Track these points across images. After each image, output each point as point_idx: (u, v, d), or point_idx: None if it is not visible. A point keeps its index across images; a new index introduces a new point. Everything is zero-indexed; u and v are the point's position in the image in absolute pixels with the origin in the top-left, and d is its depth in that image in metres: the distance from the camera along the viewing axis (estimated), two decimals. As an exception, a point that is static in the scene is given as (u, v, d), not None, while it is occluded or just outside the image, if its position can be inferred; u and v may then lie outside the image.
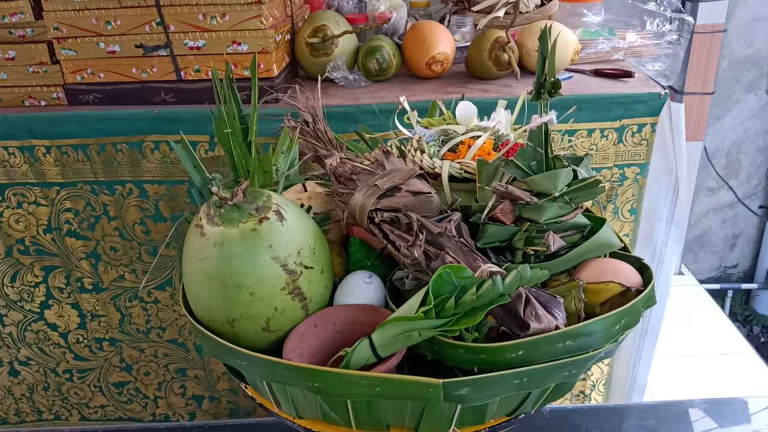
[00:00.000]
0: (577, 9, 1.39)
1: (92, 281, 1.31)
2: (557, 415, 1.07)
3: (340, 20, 1.26)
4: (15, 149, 1.18)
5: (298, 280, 0.65)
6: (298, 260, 0.64)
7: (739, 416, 1.05)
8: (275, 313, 0.65)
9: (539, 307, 0.61)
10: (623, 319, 0.62)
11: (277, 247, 0.63)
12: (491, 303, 0.58)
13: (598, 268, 0.70)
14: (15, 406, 1.50)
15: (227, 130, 0.79)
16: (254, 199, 0.65)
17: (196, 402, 1.48)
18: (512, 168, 0.70)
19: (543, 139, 0.68)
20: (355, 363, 0.61)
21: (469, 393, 0.58)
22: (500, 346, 0.59)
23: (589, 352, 0.60)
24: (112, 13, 1.11)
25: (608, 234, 0.72)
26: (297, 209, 0.70)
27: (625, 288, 0.66)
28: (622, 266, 0.70)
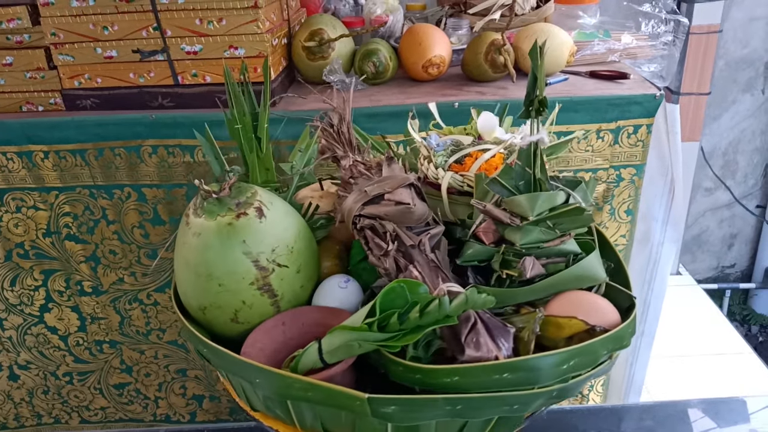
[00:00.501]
0: (573, 11, 1.39)
1: (92, 284, 1.31)
2: (555, 416, 1.06)
3: (337, 24, 1.26)
4: (13, 154, 1.17)
5: (269, 277, 0.66)
6: (272, 257, 0.66)
7: (737, 416, 1.05)
8: (243, 306, 0.66)
9: (484, 335, 0.59)
10: (574, 359, 0.58)
11: (251, 243, 0.65)
12: (436, 323, 0.57)
13: (571, 301, 0.66)
14: (14, 410, 1.49)
15: (237, 125, 0.81)
16: (238, 194, 0.67)
17: (197, 402, 1.48)
18: (496, 186, 0.67)
19: (531, 158, 0.65)
20: (303, 365, 0.62)
21: (397, 412, 0.57)
22: (435, 368, 0.57)
23: (534, 388, 0.58)
24: (109, 18, 1.11)
25: (591, 266, 0.67)
26: (285, 208, 0.71)
27: (589, 326, 0.62)
28: (600, 302, 0.66)
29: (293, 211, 0.73)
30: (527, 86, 0.67)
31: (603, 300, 0.66)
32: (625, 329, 0.63)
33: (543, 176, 0.66)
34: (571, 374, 0.59)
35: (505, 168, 0.67)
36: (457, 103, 1.14)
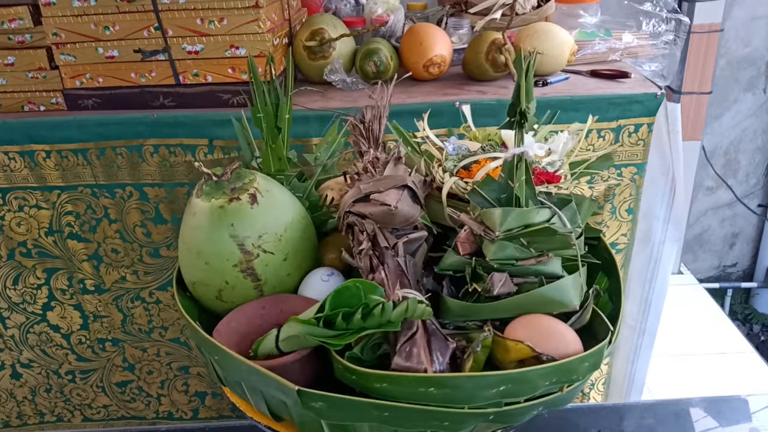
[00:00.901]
0: (574, 10, 1.38)
1: (94, 283, 1.31)
2: (555, 414, 1.06)
3: (338, 23, 1.26)
4: (15, 154, 1.17)
5: (253, 261, 0.69)
6: (258, 243, 0.69)
7: (738, 414, 1.05)
8: (226, 286, 0.69)
9: (419, 346, 0.59)
10: (505, 385, 0.56)
11: (239, 227, 0.68)
12: (379, 327, 0.58)
13: (531, 324, 0.63)
14: (17, 409, 1.50)
15: (260, 114, 0.83)
16: (237, 179, 0.70)
17: (199, 399, 1.48)
18: (477, 197, 0.66)
19: (514, 171, 0.63)
20: (262, 350, 0.64)
21: (324, 408, 0.57)
22: (366, 372, 0.58)
23: (465, 408, 0.57)
24: (111, 18, 1.11)
25: (561, 291, 0.63)
26: (282, 198, 0.72)
27: (535, 353, 0.59)
28: (562, 330, 0.63)
29: (292, 201, 0.74)
30: (512, 96, 0.66)
31: (565, 327, 0.63)
32: (577, 362, 0.59)
33: (529, 191, 0.64)
34: (503, 399, 0.57)
35: (487, 179, 0.65)
36: (457, 103, 1.14)
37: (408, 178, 0.71)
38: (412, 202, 0.70)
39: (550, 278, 0.64)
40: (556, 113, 0.92)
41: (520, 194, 0.63)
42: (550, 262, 0.64)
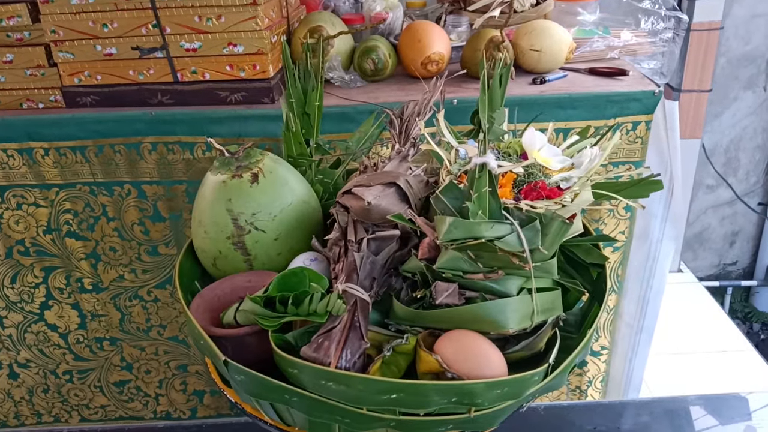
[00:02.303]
0: (572, 8, 1.39)
1: (92, 281, 1.32)
2: (552, 412, 1.07)
3: (336, 21, 1.27)
4: (14, 151, 1.19)
5: (244, 236, 0.74)
6: (250, 220, 0.73)
7: (737, 413, 1.05)
8: (219, 255, 0.76)
9: (335, 340, 0.61)
10: (394, 393, 0.57)
11: (235, 203, 0.73)
12: (307, 316, 0.62)
13: (458, 339, 0.62)
14: (14, 409, 1.51)
15: (291, 99, 0.87)
16: (246, 158, 0.75)
17: (198, 397, 1.49)
18: (439, 203, 0.64)
19: (474, 181, 0.62)
20: (226, 319, 0.68)
21: (245, 383, 0.61)
22: (282, 356, 0.60)
23: (363, 409, 0.58)
24: (109, 15, 1.12)
25: (496, 311, 0.62)
26: (288, 181, 0.77)
27: (442, 369, 0.59)
28: (487, 351, 0.61)
29: (299, 186, 0.78)
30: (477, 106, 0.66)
31: (494, 351, 0.61)
32: (482, 387, 0.58)
33: (494, 203, 0.62)
34: (398, 408, 0.58)
35: (449, 185, 0.64)
36: (456, 100, 1.15)
37: (401, 177, 0.72)
38: (397, 201, 0.70)
39: (503, 297, 0.63)
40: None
41: (478, 205, 0.61)
42: (502, 280, 0.62)
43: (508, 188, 0.67)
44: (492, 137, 0.69)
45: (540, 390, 0.62)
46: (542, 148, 0.70)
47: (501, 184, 0.67)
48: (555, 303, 0.66)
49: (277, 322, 0.62)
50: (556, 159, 0.69)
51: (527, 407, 0.67)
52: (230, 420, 1.09)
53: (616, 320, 1.35)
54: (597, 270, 0.75)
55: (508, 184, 0.67)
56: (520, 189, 0.66)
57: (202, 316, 0.69)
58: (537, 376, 0.60)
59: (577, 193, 0.64)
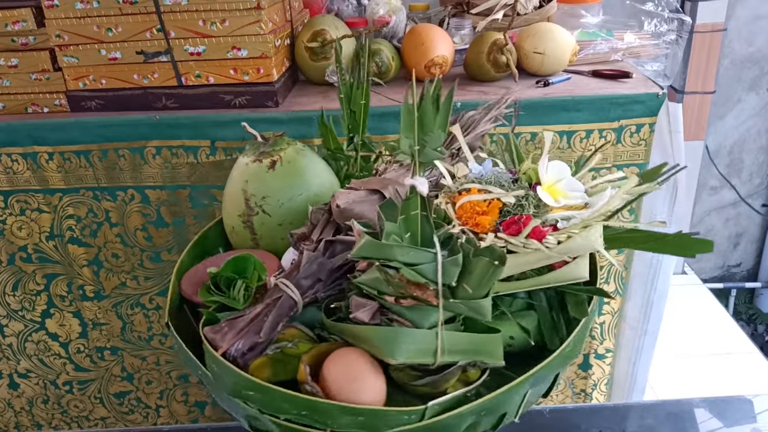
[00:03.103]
0: (575, 10, 1.42)
1: (94, 289, 1.35)
2: (557, 415, 1.09)
3: (340, 24, 1.30)
4: (18, 156, 1.21)
5: (252, 217, 0.81)
6: (260, 203, 0.80)
7: (742, 415, 1.07)
8: (232, 230, 0.84)
9: (236, 328, 0.64)
10: (250, 391, 0.60)
11: (249, 185, 0.80)
12: (229, 300, 0.69)
13: (346, 356, 0.62)
14: (15, 419, 1.52)
15: (341, 95, 0.90)
16: (273, 145, 0.82)
17: (199, 409, 1.51)
18: (380, 218, 0.63)
19: (409, 203, 0.60)
20: (200, 294, 0.73)
21: (177, 347, 0.68)
22: (197, 331, 0.67)
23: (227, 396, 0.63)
24: (113, 20, 1.15)
25: (382, 340, 0.60)
26: (309, 173, 0.82)
27: (305, 379, 0.60)
28: (367, 374, 0.60)
29: (317, 180, 0.83)
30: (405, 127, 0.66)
31: (375, 377, 0.60)
32: (331, 408, 0.57)
33: (427, 228, 0.60)
34: (258, 408, 0.60)
35: (388, 203, 0.63)
36: (459, 103, 1.18)
37: (391, 186, 0.72)
38: (370, 204, 0.71)
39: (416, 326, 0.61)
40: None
41: (405, 228, 0.60)
42: (417, 309, 0.60)
43: (490, 217, 0.64)
44: (423, 160, 0.67)
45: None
46: (561, 180, 0.67)
47: (484, 211, 0.65)
48: (479, 346, 0.62)
49: (209, 297, 0.69)
50: (574, 195, 0.66)
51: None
52: (234, 424, 1.11)
53: (621, 323, 1.38)
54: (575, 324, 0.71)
55: (492, 212, 0.64)
56: (503, 220, 0.64)
57: (192, 288, 0.75)
58: (409, 415, 0.58)
59: (569, 236, 0.61)
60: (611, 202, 0.63)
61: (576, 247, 0.61)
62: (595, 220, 0.62)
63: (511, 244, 0.61)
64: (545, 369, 0.62)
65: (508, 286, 0.66)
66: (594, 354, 1.39)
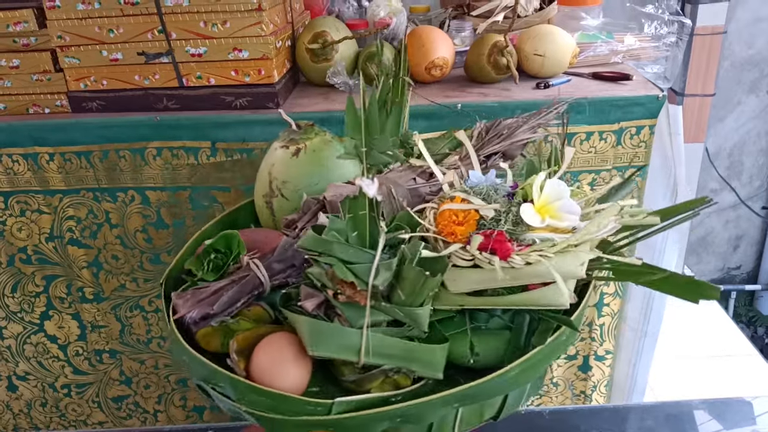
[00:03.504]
0: (576, 12, 1.44)
1: (93, 291, 1.35)
2: (556, 416, 1.10)
3: (340, 26, 1.31)
4: (19, 156, 1.22)
5: (273, 198, 0.86)
6: (280, 186, 0.85)
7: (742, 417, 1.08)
8: (259, 207, 0.90)
9: (200, 296, 0.71)
10: (184, 356, 0.67)
11: (274, 169, 0.86)
12: (204, 273, 0.74)
13: (278, 340, 0.66)
14: (13, 421, 1.53)
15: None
16: (303, 133, 0.86)
17: (197, 414, 1.51)
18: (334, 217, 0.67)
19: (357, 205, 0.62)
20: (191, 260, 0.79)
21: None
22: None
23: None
24: (115, 21, 1.16)
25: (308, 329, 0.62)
26: (330, 165, 0.84)
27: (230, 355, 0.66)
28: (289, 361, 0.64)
29: (337, 171, 0.85)
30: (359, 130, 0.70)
31: (296, 364, 0.64)
32: (240, 384, 0.62)
33: (374, 230, 0.62)
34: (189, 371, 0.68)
35: (345, 200, 0.65)
36: (459, 105, 1.19)
37: (385, 185, 0.74)
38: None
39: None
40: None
41: (353, 227, 0.62)
42: (351, 307, 0.62)
43: (464, 228, 0.64)
44: (371, 162, 0.70)
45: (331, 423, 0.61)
46: (558, 201, 0.66)
47: (460, 221, 0.65)
48: (411, 354, 0.63)
49: (193, 265, 0.75)
50: (566, 218, 0.64)
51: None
52: (235, 424, 1.12)
53: (621, 324, 1.39)
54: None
55: (468, 222, 0.65)
56: (480, 231, 0.64)
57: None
58: (315, 407, 0.60)
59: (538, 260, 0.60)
60: (589, 229, 0.62)
61: (544, 272, 0.60)
62: (570, 245, 0.62)
63: (477, 259, 0.62)
64: (476, 389, 0.61)
65: (475, 300, 0.65)
66: (594, 356, 1.40)
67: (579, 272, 0.61)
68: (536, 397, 1.45)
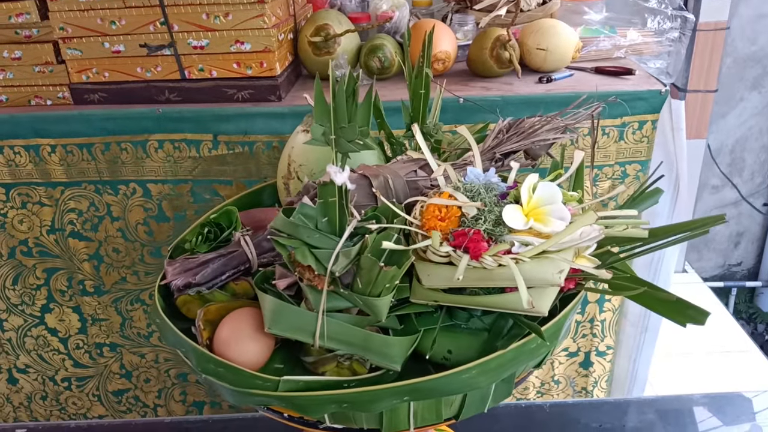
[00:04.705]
0: (579, 7, 1.44)
1: (94, 284, 1.36)
2: (557, 410, 1.11)
3: (343, 19, 1.31)
4: (20, 148, 1.23)
5: (290, 180, 0.89)
6: (297, 169, 0.88)
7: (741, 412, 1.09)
8: (279, 188, 0.93)
9: (186, 268, 0.74)
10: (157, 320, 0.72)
11: (293, 152, 0.89)
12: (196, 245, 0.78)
13: (244, 314, 0.69)
14: (13, 414, 1.54)
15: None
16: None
17: (197, 408, 1.52)
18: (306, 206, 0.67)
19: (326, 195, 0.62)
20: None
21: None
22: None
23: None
24: (117, 13, 1.16)
25: (268, 307, 0.64)
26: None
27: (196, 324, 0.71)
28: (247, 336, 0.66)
29: (353, 157, 0.83)
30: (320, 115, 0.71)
31: (255, 339, 0.66)
32: (196, 352, 0.66)
33: (342, 218, 0.63)
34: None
35: (320, 186, 0.65)
36: (461, 99, 1.19)
37: (382, 176, 0.74)
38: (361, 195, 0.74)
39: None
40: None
41: (323, 212, 0.63)
42: (312, 290, 0.63)
43: (445, 224, 0.64)
44: (339, 149, 0.70)
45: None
46: (550, 205, 0.64)
47: (442, 217, 0.65)
48: (368, 344, 0.64)
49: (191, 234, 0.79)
50: (552, 223, 0.62)
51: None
52: (237, 415, 1.13)
53: (621, 320, 1.39)
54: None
55: (450, 219, 0.65)
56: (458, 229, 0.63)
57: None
58: (263, 381, 0.63)
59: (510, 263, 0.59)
60: (562, 236, 0.61)
61: (512, 275, 0.59)
62: (546, 248, 0.61)
63: (452, 256, 0.62)
64: (426, 384, 0.61)
65: (449, 298, 0.65)
66: (595, 351, 1.41)
67: (555, 280, 0.60)
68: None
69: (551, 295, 0.63)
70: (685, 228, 0.67)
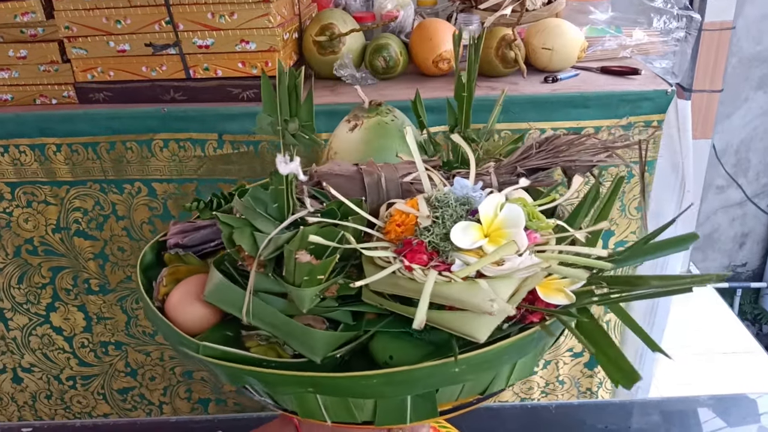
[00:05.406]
0: (584, 6, 1.44)
1: (99, 282, 1.36)
2: (562, 411, 1.11)
3: (348, 18, 1.31)
4: (26, 147, 1.23)
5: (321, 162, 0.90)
6: (332, 157, 0.89)
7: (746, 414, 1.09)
8: None
9: (188, 230, 0.77)
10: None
11: (334, 141, 0.90)
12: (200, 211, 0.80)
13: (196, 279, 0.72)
14: (18, 413, 1.54)
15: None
16: (368, 111, 0.89)
17: (203, 406, 1.52)
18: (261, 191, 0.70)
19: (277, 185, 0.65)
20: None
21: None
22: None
23: None
24: (122, 12, 1.16)
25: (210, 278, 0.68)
26: (374, 143, 0.86)
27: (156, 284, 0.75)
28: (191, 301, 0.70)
29: (381, 153, 0.85)
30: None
31: (200, 305, 0.69)
32: (148, 309, 0.70)
33: (291, 205, 0.66)
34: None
35: (274, 174, 0.67)
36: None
37: (377, 174, 0.76)
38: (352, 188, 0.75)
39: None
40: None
41: (274, 199, 0.67)
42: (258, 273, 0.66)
43: (404, 230, 0.64)
44: (288, 142, 0.70)
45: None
46: (511, 228, 0.61)
47: (400, 222, 0.65)
48: (288, 331, 0.65)
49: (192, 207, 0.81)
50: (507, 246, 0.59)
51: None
52: (242, 415, 1.13)
53: (627, 320, 1.39)
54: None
55: (406, 225, 0.64)
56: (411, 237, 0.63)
57: None
58: (187, 342, 0.66)
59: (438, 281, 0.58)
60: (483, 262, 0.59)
61: (445, 292, 0.58)
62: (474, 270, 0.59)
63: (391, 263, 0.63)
64: (327, 381, 0.61)
65: (391, 305, 0.64)
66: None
67: (487, 308, 0.57)
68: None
69: (490, 323, 0.59)
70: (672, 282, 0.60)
